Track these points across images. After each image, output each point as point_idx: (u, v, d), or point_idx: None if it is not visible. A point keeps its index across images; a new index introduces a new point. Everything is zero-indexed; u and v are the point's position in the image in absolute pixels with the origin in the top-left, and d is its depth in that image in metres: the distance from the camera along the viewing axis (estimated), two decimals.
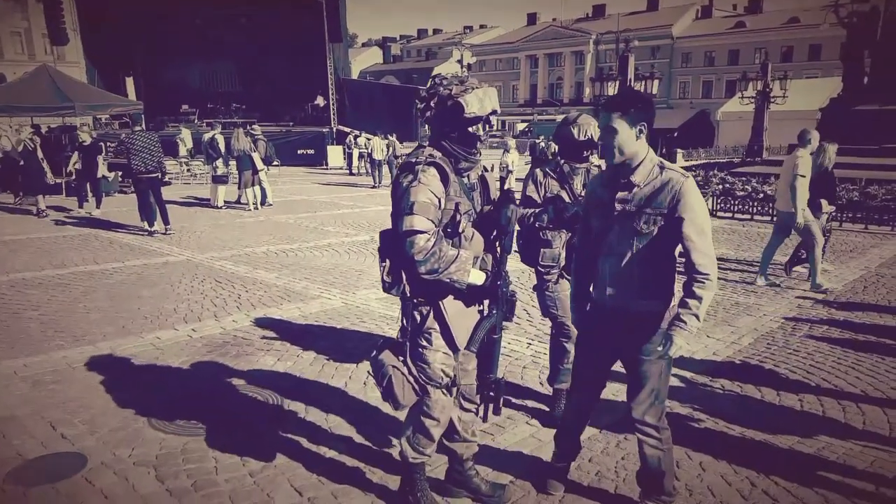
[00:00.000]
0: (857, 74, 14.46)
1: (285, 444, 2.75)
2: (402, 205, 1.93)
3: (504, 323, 2.12)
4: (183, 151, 17.21)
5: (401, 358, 2.06)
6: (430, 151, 2.00)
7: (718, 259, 8.52)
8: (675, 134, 32.20)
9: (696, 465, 2.63)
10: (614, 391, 3.37)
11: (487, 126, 2.01)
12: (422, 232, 1.88)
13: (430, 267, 1.89)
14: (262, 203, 11.05)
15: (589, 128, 2.84)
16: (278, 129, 21.17)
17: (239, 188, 10.99)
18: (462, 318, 2.07)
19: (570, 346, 2.92)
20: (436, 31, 76.23)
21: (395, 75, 57.87)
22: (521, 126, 46.34)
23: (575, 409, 2.41)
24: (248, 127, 12.92)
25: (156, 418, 2.97)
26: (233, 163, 11.06)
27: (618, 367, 3.86)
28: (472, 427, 2.31)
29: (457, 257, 1.93)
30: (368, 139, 18.32)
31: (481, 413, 2.15)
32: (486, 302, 2.09)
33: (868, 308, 5.05)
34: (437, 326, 2.05)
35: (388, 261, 2.02)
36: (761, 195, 10.51)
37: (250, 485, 2.44)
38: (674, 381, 3.52)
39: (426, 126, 2.07)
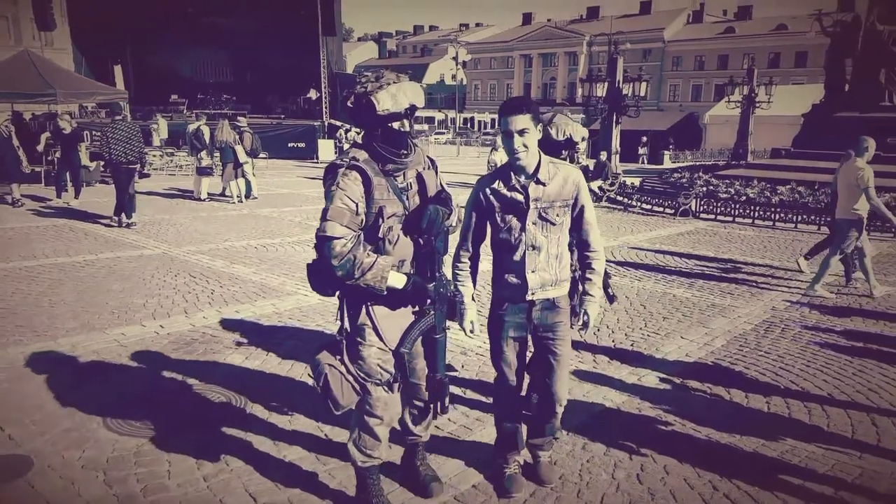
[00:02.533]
0: (838, 82, 14.67)
1: (245, 447, 2.68)
2: (323, 209, 1.93)
3: (448, 323, 2.09)
4: (156, 141, 16.91)
5: (338, 357, 2.03)
6: (354, 153, 1.97)
7: (698, 259, 8.42)
8: (671, 138, 32.47)
9: (660, 468, 2.61)
10: (585, 392, 3.35)
11: (410, 122, 1.96)
12: (336, 238, 1.88)
13: (345, 273, 1.90)
14: (247, 196, 10.91)
15: (567, 127, 2.81)
16: (269, 122, 20.93)
17: (224, 181, 10.84)
18: (391, 317, 2.04)
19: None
20: (432, 28, 75.99)
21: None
22: None
23: (509, 399, 2.44)
24: (235, 118, 12.74)
25: (111, 419, 2.87)
26: (217, 155, 10.90)
27: (594, 367, 3.78)
28: (423, 421, 2.31)
29: (373, 265, 1.91)
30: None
31: (431, 412, 2.16)
32: (429, 301, 2.04)
33: (841, 312, 5.09)
34: (370, 322, 2.03)
35: (312, 261, 2.01)
36: (744, 198, 10.59)
37: (203, 489, 2.37)
38: (646, 383, 3.52)
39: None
